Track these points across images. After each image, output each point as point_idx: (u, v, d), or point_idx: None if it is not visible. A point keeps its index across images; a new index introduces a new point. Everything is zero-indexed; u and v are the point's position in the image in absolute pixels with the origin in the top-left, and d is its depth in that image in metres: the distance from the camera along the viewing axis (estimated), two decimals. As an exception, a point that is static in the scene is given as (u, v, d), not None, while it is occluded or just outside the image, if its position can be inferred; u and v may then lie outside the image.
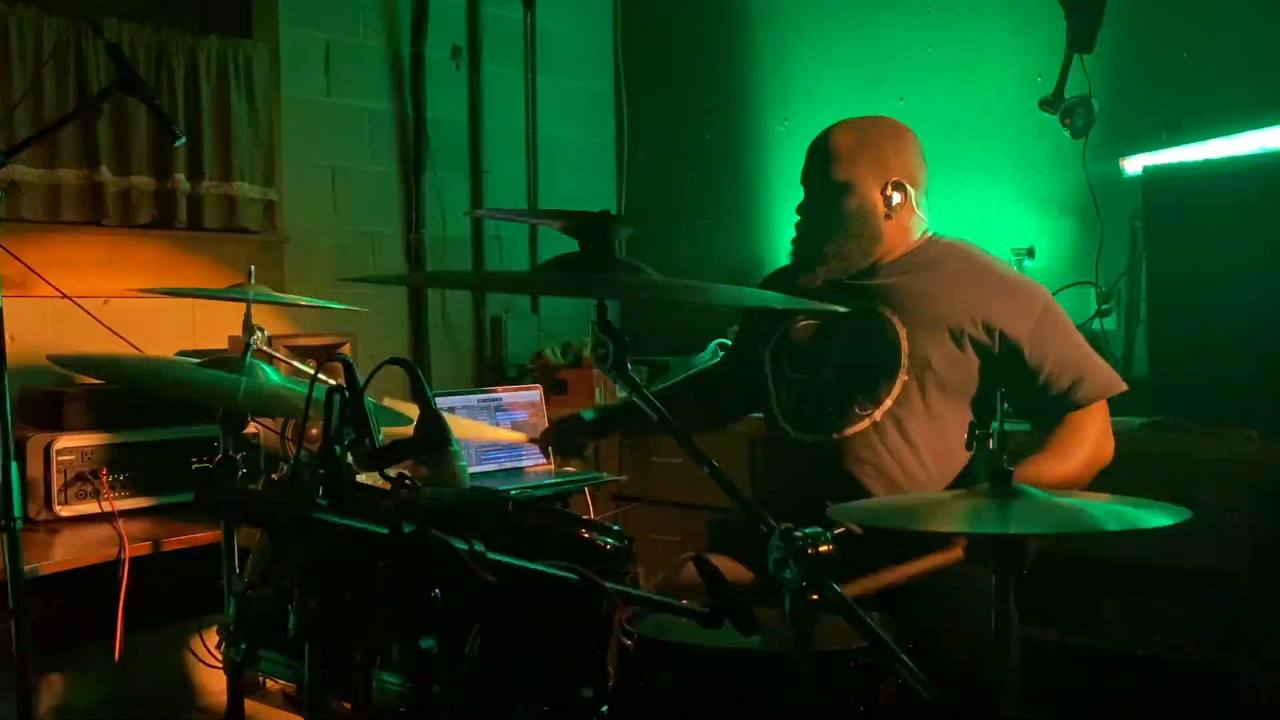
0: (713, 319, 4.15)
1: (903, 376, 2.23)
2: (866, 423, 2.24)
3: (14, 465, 2.25)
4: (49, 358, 2.30)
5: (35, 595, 2.34)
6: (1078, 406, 2.26)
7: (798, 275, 2.39)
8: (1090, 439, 2.26)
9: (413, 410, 1.64)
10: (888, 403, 2.23)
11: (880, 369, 2.25)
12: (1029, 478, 2.06)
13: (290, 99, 3.90)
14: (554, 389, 4.12)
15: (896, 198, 2.32)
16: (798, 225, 2.42)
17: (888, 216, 2.33)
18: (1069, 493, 1.86)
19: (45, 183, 3.29)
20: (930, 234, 2.38)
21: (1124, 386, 2.31)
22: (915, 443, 2.23)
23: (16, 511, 2.24)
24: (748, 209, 4.55)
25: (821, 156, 2.36)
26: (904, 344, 2.24)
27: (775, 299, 2.37)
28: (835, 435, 2.26)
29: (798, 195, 2.44)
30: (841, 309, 2.30)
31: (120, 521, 2.69)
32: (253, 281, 2.60)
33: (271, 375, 2.31)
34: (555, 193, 4.66)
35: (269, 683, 3.44)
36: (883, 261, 2.34)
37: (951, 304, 2.25)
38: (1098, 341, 3.39)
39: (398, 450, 1.58)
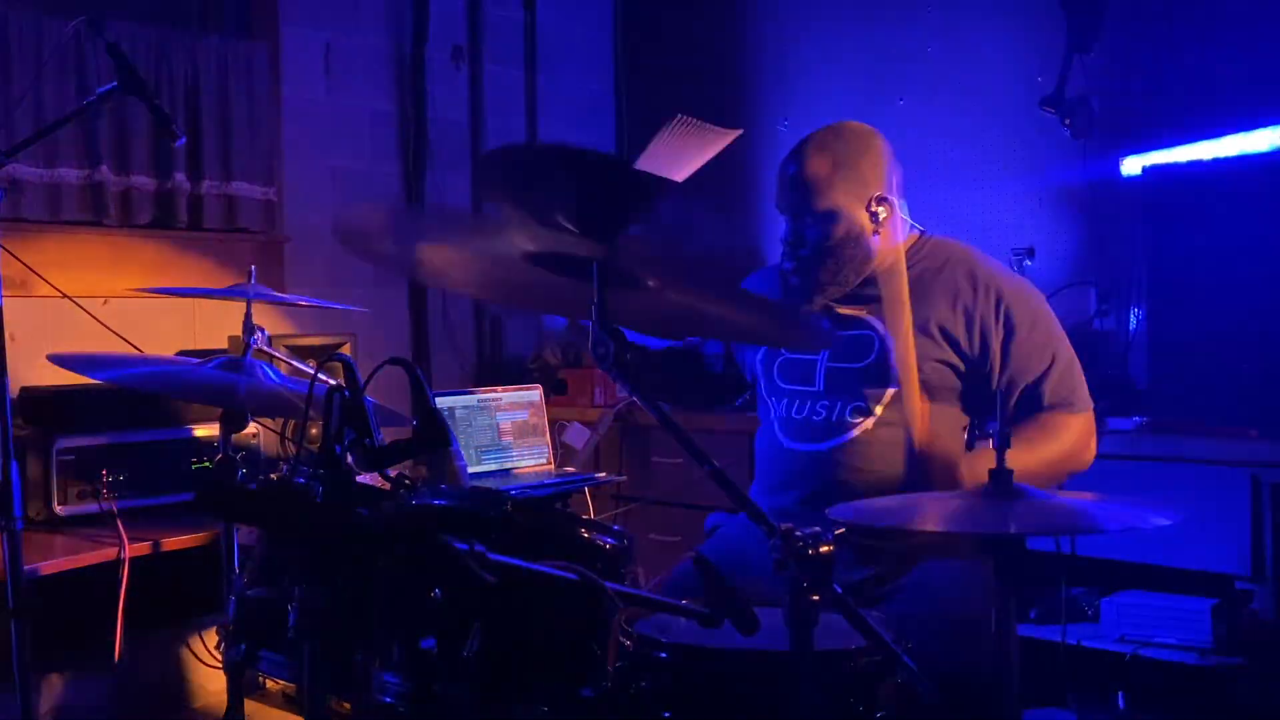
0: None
1: (893, 385, 2.22)
2: (859, 431, 2.22)
3: (14, 465, 2.25)
4: (49, 358, 2.30)
5: (35, 595, 2.34)
6: (1051, 404, 2.22)
7: (791, 297, 2.33)
8: (1066, 441, 2.22)
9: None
10: (879, 411, 2.21)
11: (871, 378, 2.23)
12: (984, 460, 2.00)
13: (290, 99, 3.90)
14: (554, 389, 4.12)
15: (882, 213, 2.28)
16: (787, 256, 2.33)
17: (875, 233, 2.29)
18: (1069, 493, 1.86)
19: (45, 183, 3.29)
20: (920, 234, 2.36)
21: (1089, 402, 2.27)
22: (909, 449, 2.21)
23: (17, 511, 2.25)
24: (747, 209, 4.56)
25: (799, 186, 2.28)
26: (892, 351, 2.23)
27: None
28: (828, 444, 2.23)
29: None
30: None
31: (120, 521, 2.69)
32: (253, 281, 2.60)
33: (272, 375, 2.31)
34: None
35: (269, 683, 3.44)
36: (877, 271, 2.31)
37: (932, 303, 2.23)
38: (1098, 342, 3.39)
39: (398, 450, 1.58)
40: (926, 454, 2.13)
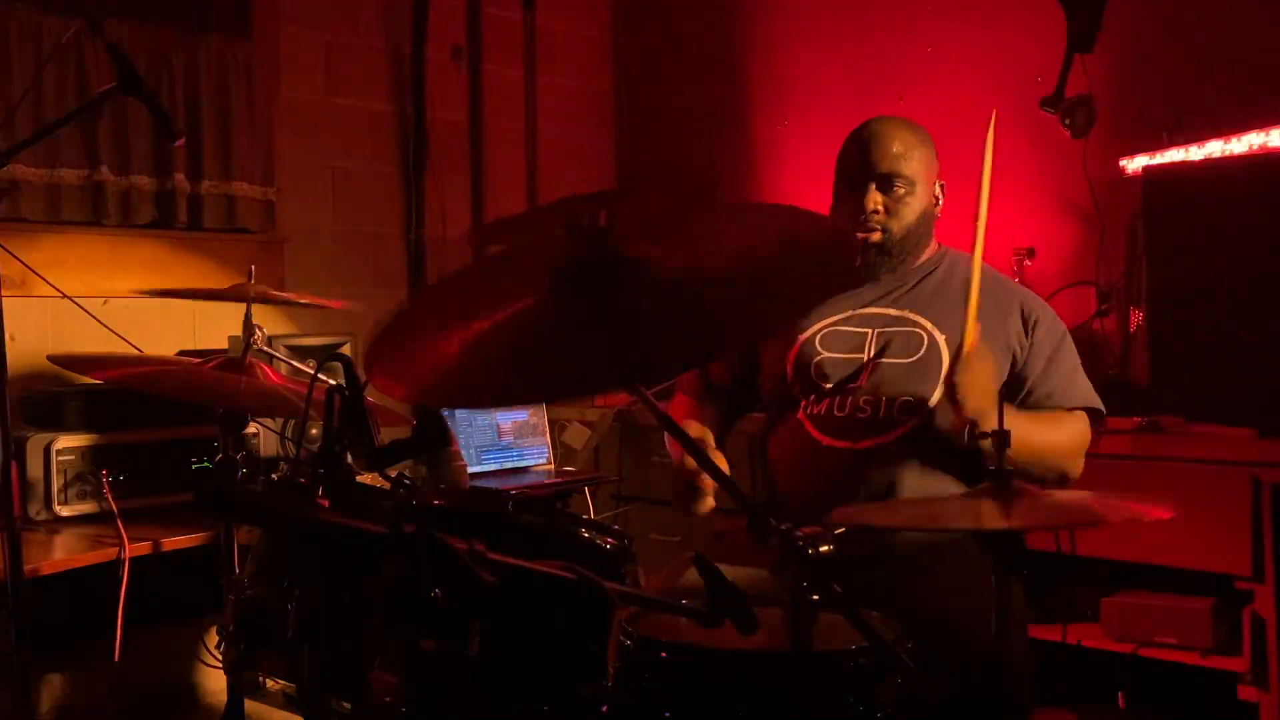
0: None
1: (944, 382, 2.22)
2: (906, 428, 2.19)
3: (14, 465, 2.26)
4: (49, 358, 2.31)
5: (35, 595, 2.34)
6: (1064, 407, 2.24)
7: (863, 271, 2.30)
8: (1077, 432, 2.23)
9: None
10: (929, 407, 2.19)
11: (922, 375, 2.20)
12: (1017, 425, 1.94)
13: (290, 99, 3.90)
14: (554, 389, 4.12)
15: (941, 198, 2.33)
16: (864, 226, 2.25)
17: (936, 218, 2.33)
18: (1069, 492, 1.86)
19: (45, 183, 3.29)
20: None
21: (1103, 410, 2.26)
22: (949, 446, 2.21)
23: (17, 511, 2.25)
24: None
25: (886, 151, 2.26)
26: (944, 349, 2.22)
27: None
28: (874, 442, 2.20)
29: (798, 195, 2.40)
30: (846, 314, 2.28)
31: (120, 521, 2.69)
32: (252, 281, 2.60)
33: (271, 375, 2.31)
34: (555, 192, 4.66)
35: (269, 683, 3.44)
36: (911, 266, 2.32)
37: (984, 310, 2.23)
38: (1098, 341, 3.39)
39: (398, 450, 1.58)
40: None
